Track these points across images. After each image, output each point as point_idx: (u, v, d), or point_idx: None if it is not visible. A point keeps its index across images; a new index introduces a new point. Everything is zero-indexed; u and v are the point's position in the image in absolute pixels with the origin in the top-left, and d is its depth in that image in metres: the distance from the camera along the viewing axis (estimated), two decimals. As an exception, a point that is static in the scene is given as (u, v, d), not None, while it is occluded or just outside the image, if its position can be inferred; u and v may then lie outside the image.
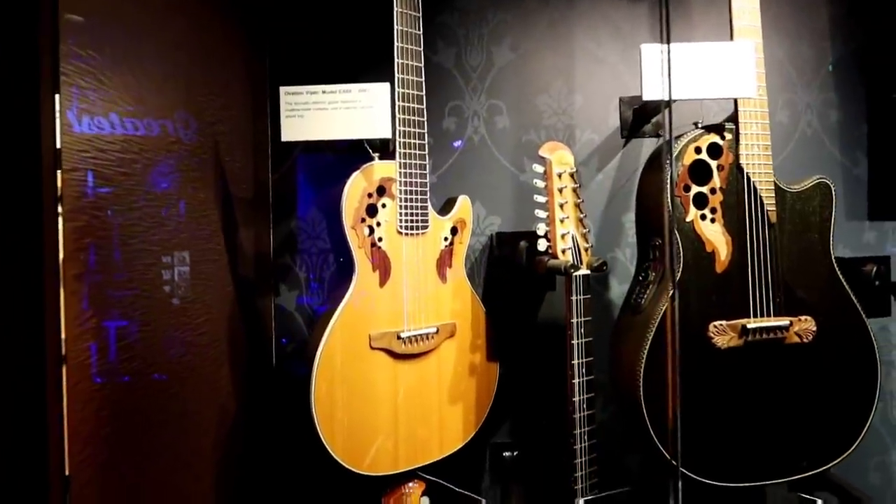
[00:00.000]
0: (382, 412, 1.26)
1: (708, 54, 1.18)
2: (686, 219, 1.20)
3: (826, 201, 1.27)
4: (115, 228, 0.92)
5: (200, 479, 1.19)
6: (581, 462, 1.28)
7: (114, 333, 0.91)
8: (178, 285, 1.09)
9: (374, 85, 1.21)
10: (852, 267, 1.41)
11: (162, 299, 1.05)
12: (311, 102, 1.21)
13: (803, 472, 1.25)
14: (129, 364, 0.93)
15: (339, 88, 1.21)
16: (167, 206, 1.07)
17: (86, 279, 0.85)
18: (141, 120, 0.99)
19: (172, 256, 1.08)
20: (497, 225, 1.57)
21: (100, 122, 0.88)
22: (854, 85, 1.58)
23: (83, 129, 0.84)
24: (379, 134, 1.21)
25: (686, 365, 1.20)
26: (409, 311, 1.28)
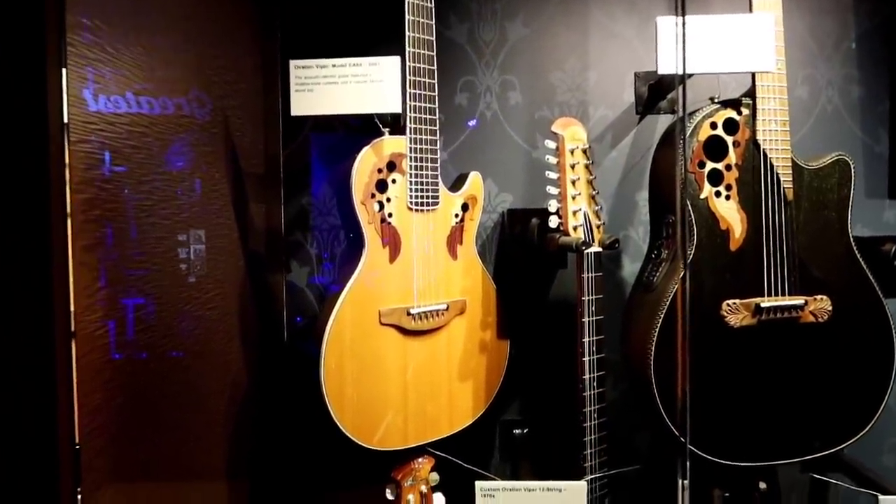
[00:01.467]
0: (392, 388, 1.26)
1: (725, 27, 1.15)
2: (700, 196, 1.18)
3: (845, 179, 1.25)
4: (126, 203, 0.92)
5: (211, 452, 1.20)
6: (590, 440, 1.28)
7: (126, 307, 0.92)
8: (190, 261, 1.09)
9: (385, 58, 1.19)
10: (871, 246, 1.39)
11: (174, 274, 1.05)
12: (321, 76, 1.20)
13: (816, 452, 1.24)
14: (141, 337, 0.94)
15: (350, 62, 1.19)
16: (179, 182, 1.07)
17: (96, 252, 0.85)
18: (151, 94, 0.98)
19: (185, 233, 1.09)
20: (509, 202, 1.56)
21: (109, 96, 0.88)
22: (877, 60, 1.54)
23: (91, 102, 0.84)
24: (389, 108, 1.20)
25: (699, 344, 1.19)
26: (419, 288, 1.27)
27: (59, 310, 0.78)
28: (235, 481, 1.28)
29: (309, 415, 1.42)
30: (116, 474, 0.88)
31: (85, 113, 0.82)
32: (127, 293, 0.92)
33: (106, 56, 0.87)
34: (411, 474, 1.32)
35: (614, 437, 1.31)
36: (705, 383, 1.19)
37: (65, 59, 0.80)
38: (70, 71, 0.80)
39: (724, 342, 1.19)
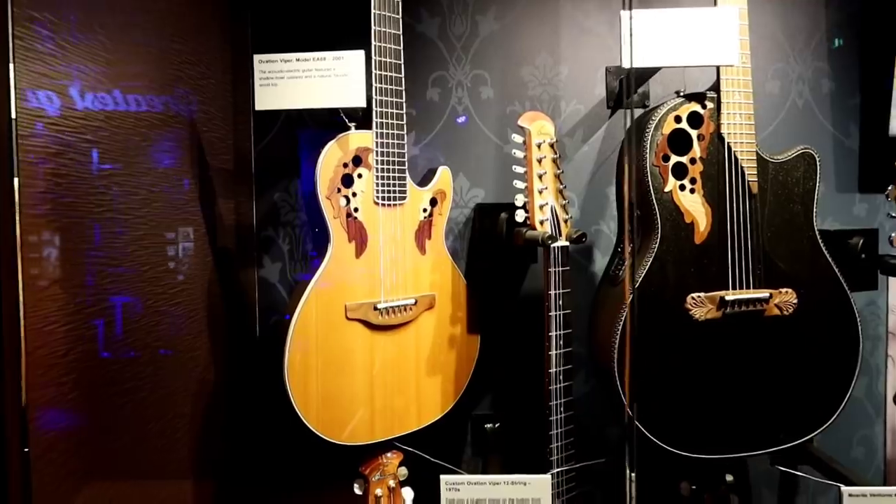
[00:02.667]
0: (359, 383, 1.26)
1: (689, 21, 1.15)
2: (664, 189, 1.18)
3: (810, 172, 1.25)
4: (80, 198, 0.92)
5: (175, 451, 1.19)
6: (556, 434, 1.28)
7: (81, 303, 0.91)
8: (149, 255, 1.09)
9: (349, 52, 1.19)
10: (839, 239, 1.39)
11: (132, 268, 1.04)
12: (285, 70, 1.19)
13: (781, 444, 1.25)
14: (95, 331, 0.93)
15: (314, 56, 1.19)
16: (139, 178, 1.06)
17: (47, 248, 0.85)
18: (107, 89, 0.98)
19: (146, 228, 1.08)
20: (481, 197, 1.55)
21: (61, 91, 0.87)
22: (848, 54, 1.54)
23: (42, 97, 0.83)
24: (353, 102, 1.20)
25: (664, 337, 1.19)
26: (386, 283, 1.27)
27: (6, 305, 0.78)
28: (201, 480, 1.28)
29: (280, 411, 1.41)
30: (73, 473, 0.88)
31: (35, 108, 0.82)
32: (83, 289, 0.92)
33: (58, 50, 0.86)
34: (379, 469, 1.32)
35: (586, 431, 1.32)
36: (670, 376, 1.20)
37: (12, 53, 0.79)
38: (18, 65, 0.80)
39: (689, 335, 1.19)
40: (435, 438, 1.39)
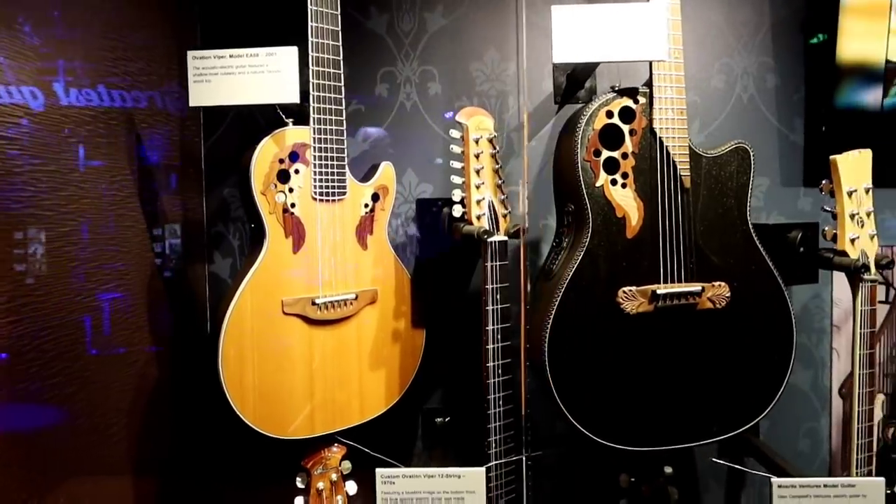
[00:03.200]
0: (297, 377, 1.26)
1: (618, 16, 1.16)
2: (596, 184, 1.19)
3: (744, 166, 1.26)
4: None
5: (114, 445, 1.20)
6: (494, 427, 1.29)
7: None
8: (77, 250, 1.09)
9: (282, 49, 1.19)
10: (778, 233, 1.40)
11: (58, 263, 1.05)
12: (219, 67, 1.20)
13: (714, 436, 1.26)
14: (13, 329, 0.94)
15: (247, 52, 1.19)
16: (64, 172, 1.07)
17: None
18: (28, 83, 0.98)
19: (71, 222, 1.08)
20: (429, 192, 1.56)
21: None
22: (792, 49, 1.55)
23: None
24: (286, 99, 1.20)
25: (596, 330, 1.20)
26: (325, 278, 1.28)
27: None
28: (142, 476, 1.28)
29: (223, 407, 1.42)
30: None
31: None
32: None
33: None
34: (321, 463, 1.33)
35: (538, 425, 1.33)
36: (603, 369, 1.21)
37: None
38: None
39: (621, 328, 1.20)
40: (386, 432, 1.40)
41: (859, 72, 1.45)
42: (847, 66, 1.45)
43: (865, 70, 1.46)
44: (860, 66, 1.45)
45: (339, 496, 1.33)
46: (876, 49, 1.44)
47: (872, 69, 1.45)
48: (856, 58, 1.45)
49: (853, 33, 1.43)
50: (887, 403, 1.57)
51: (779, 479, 1.20)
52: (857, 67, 1.45)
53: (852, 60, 1.45)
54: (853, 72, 1.45)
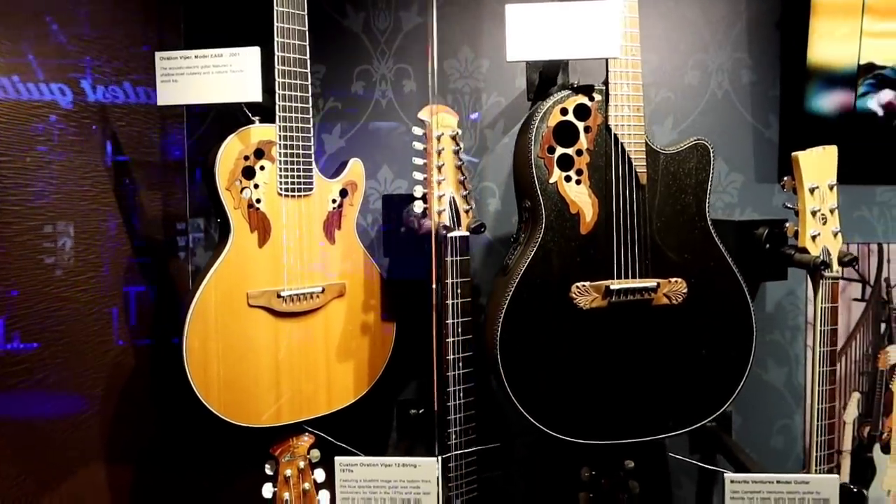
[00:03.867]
0: (262, 367, 1.30)
1: (572, 14, 1.17)
2: (550, 180, 1.21)
3: (703, 163, 1.26)
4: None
5: (87, 440, 1.26)
6: (455, 419, 1.31)
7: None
8: (48, 244, 1.15)
9: (245, 49, 1.23)
10: (745, 229, 1.40)
11: (25, 256, 1.10)
12: (185, 67, 1.24)
13: (670, 431, 1.27)
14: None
15: (212, 52, 1.23)
16: (32, 169, 1.12)
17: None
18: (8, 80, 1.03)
19: (40, 217, 1.14)
20: (404, 188, 1.59)
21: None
22: (768, 44, 1.54)
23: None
24: (249, 98, 1.24)
25: (549, 325, 1.22)
26: (290, 271, 1.32)
27: None
28: (116, 463, 1.34)
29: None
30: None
31: None
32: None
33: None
34: (289, 450, 1.37)
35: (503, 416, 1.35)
36: (556, 363, 1.22)
37: None
38: None
39: (575, 324, 1.22)
40: (361, 424, 1.44)
41: (830, 72, 1.44)
42: (818, 66, 1.44)
43: (836, 71, 1.44)
44: (831, 67, 1.44)
45: (306, 483, 1.38)
46: (848, 51, 1.43)
47: (844, 71, 1.44)
48: (827, 59, 1.43)
49: (824, 34, 1.42)
50: (863, 402, 1.56)
51: (732, 475, 1.21)
52: (828, 69, 1.44)
53: (823, 62, 1.43)
54: (824, 71, 1.44)
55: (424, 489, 1.24)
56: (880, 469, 1.55)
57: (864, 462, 1.56)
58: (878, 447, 1.56)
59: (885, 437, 1.56)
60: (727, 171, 1.55)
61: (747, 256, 1.40)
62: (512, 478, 1.58)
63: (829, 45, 1.42)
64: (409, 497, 1.23)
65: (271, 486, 1.36)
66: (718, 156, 1.55)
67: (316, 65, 1.60)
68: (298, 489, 1.37)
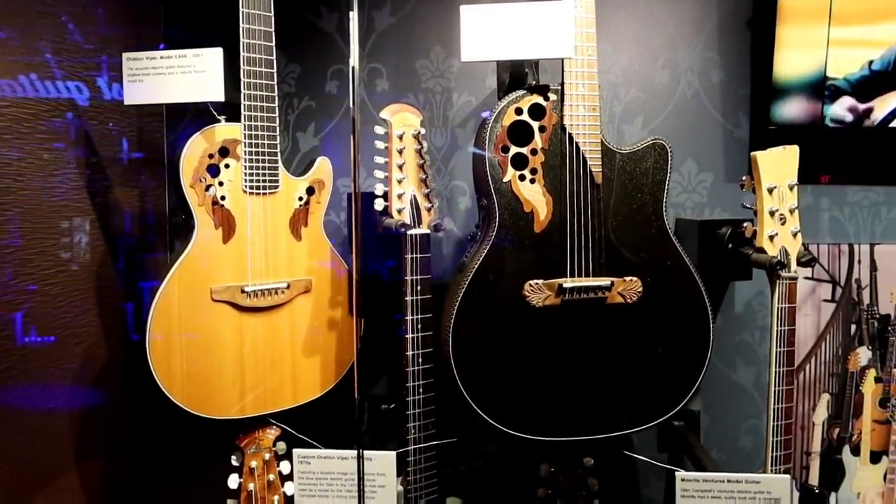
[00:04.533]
0: (227, 360, 1.33)
1: (525, 15, 1.18)
2: (504, 179, 1.22)
3: (660, 163, 1.27)
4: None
5: (55, 432, 1.30)
6: (413, 414, 1.33)
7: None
8: (14, 238, 1.19)
9: (208, 50, 1.26)
10: (708, 229, 1.40)
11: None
12: (151, 67, 1.27)
13: (623, 429, 1.27)
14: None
15: (176, 54, 1.26)
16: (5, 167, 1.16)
17: None
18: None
19: (7, 212, 1.18)
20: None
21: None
22: (738, 44, 1.53)
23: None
24: (212, 97, 1.27)
25: (503, 322, 1.24)
26: (256, 267, 1.34)
27: None
28: (87, 456, 1.38)
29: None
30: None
31: None
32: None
33: None
34: (255, 442, 1.40)
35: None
36: (509, 360, 1.24)
37: None
38: None
39: (529, 321, 1.23)
40: (331, 418, 1.46)
41: (798, 73, 1.44)
42: (786, 67, 1.43)
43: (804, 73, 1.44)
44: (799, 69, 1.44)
45: (271, 475, 1.40)
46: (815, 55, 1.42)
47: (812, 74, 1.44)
48: (795, 62, 1.43)
49: (791, 37, 1.41)
50: (832, 403, 1.55)
51: (683, 473, 1.22)
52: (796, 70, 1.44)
53: (791, 64, 1.43)
54: (792, 73, 1.43)
55: (380, 482, 1.26)
56: (850, 471, 1.54)
57: (833, 464, 1.55)
58: (848, 449, 1.55)
59: (854, 438, 1.55)
60: (697, 170, 1.55)
61: (712, 256, 1.40)
62: (473, 473, 1.60)
63: (797, 48, 1.42)
64: (365, 489, 1.26)
65: (237, 476, 1.39)
66: (688, 155, 1.56)
67: (291, 65, 1.63)
68: (263, 480, 1.40)
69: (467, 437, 1.48)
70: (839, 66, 1.43)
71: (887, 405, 1.54)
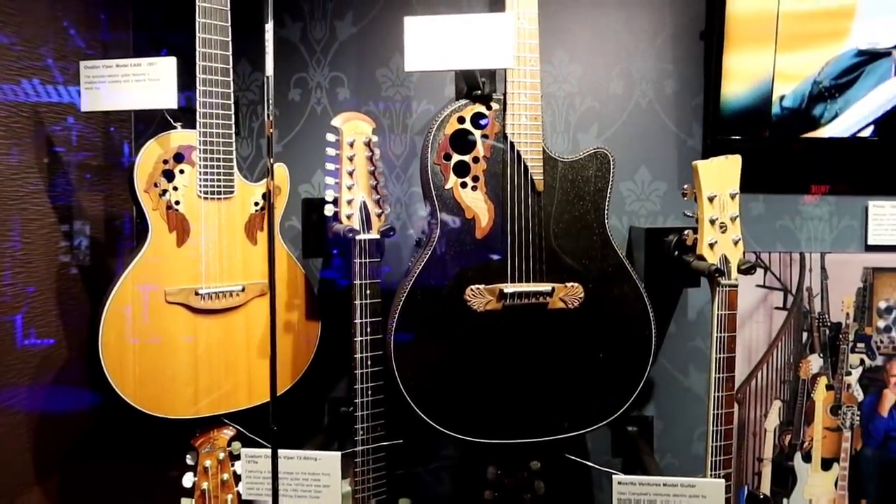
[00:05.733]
0: (181, 361, 1.36)
1: (467, 26, 1.21)
2: (445, 186, 1.25)
3: (603, 171, 1.29)
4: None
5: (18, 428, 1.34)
6: (362, 415, 1.36)
7: None
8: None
9: (161, 59, 1.30)
10: (656, 237, 1.42)
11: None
12: (107, 75, 1.31)
13: (564, 432, 1.30)
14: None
15: (131, 62, 1.30)
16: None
17: None
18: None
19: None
20: (337, 192, 1.64)
21: None
22: (691, 55, 1.56)
23: None
24: (165, 105, 1.30)
25: (444, 326, 1.26)
26: (209, 270, 1.38)
27: None
28: (43, 452, 1.42)
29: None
30: None
31: None
32: None
33: None
34: (209, 442, 1.43)
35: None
36: (451, 364, 1.26)
37: None
38: None
39: (470, 326, 1.26)
40: (291, 421, 1.49)
41: (747, 84, 1.46)
42: (735, 78, 1.45)
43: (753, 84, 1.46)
44: (748, 80, 1.46)
45: (225, 474, 1.43)
46: (763, 64, 1.44)
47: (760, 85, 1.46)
48: (743, 72, 1.45)
49: (740, 46, 1.44)
50: (783, 410, 1.57)
51: (620, 476, 1.23)
52: (745, 81, 1.46)
53: (740, 74, 1.45)
54: (742, 83, 1.46)
55: (325, 482, 1.29)
56: (801, 478, 1.56)
57: (785, 470, 1.56)
58: (800, 455, 1.56)
59: (806, 445, 1.56)
60: (650, 179, 1.58)
61: (660, 264, 1.42)
62: (424, 475, 1.62)
63: (745, 57, 1.44)
64: (310, 489, 1.28)
65: (192, 475, 1.42)
66: (642, 164, 1.58)
67: (255, 73, 1.67)
68: (217, 479, 1.43)
69: (417, 439, 1.50)
70: (786, 79, 1.45)
71: (838, 413, 1.55)
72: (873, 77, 1.43)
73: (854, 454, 1.55)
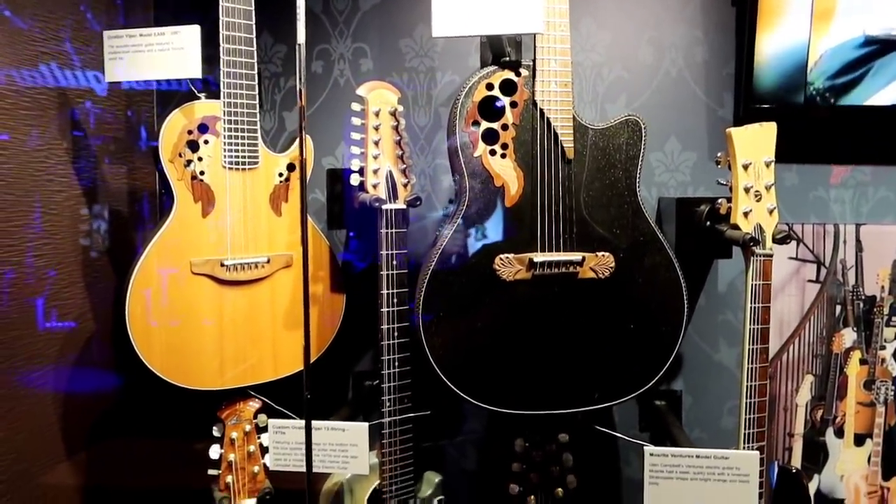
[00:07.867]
0: (206, 332, 1.36)
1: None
2: (474, 154, 1.23)
3: (634, 139, 1.27)
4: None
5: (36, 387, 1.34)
6: (389, 387, 1.35)
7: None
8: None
9: (185, 28, 1.28)
10: (687, 207, 1.39)
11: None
12: (131, 45, 1.30)
13: (594, 404, 1.28)
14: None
15: (154, 31, 1.29)
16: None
17: None
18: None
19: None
20: (361, 165, 1.63)
21: None
22: (723, 22, 1.52)
23: None
24: (190, 74, 1.29)
25: (473, 296, 1.25)
26: (234, 241, 1.37)
27: None
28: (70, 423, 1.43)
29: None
30: None
31: None
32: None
33: None
34: (235, 414, 1.43)
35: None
36: (479, 333, 1.25)
37: None
38: None
39: (499, 295, 1.24)
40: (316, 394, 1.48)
41: (782, 51, 1.42)
42: (770, 45, 1.41)
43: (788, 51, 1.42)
44: (783, 47, 1.42)
45: (251, 446, 1.43)
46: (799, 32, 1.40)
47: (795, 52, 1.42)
48: (779, 39, 1.41)
49: (773, 8, 1.40)
50: (816, 384, 1.54)
51: (651, 448, 1.22)
52: (780, 49, 1.42)
53: (775, 42, 1.41)
54: (776, 51, 1.42)
55: (353, 452, 1.28)
56: (833, 453, 1.53)
57: (816, 445, 1.54)
58: (832, 431, 1.54)
59: (838, 420, 1.54)
60: (680, 149, 1.54)
61: (691, 235, 1.39)
62: (451, 448, 1.62)
63: (780, 25, 1.40)
64: (338, 459, 1.28)
65: (219, 447, 1.42)
66: (672, 134, 1.55)
67: (278, 45, 1.65)
68: (244, 451, 1.43)
69: (445, 411, 1.49)
70: (822, 45, 1.41)
71: (872, 387, 1.52)
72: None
73: (888, 430, 1.52)
